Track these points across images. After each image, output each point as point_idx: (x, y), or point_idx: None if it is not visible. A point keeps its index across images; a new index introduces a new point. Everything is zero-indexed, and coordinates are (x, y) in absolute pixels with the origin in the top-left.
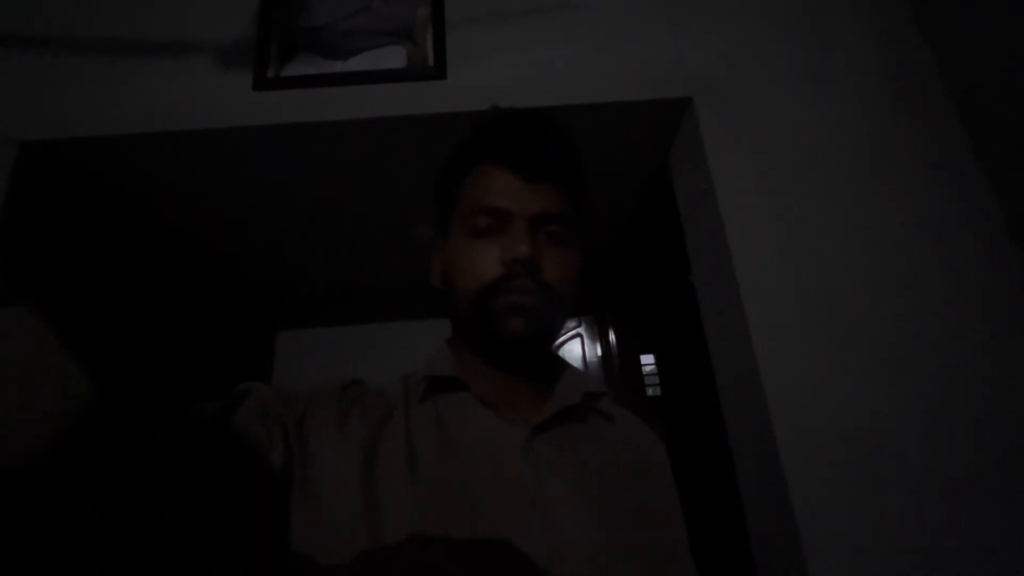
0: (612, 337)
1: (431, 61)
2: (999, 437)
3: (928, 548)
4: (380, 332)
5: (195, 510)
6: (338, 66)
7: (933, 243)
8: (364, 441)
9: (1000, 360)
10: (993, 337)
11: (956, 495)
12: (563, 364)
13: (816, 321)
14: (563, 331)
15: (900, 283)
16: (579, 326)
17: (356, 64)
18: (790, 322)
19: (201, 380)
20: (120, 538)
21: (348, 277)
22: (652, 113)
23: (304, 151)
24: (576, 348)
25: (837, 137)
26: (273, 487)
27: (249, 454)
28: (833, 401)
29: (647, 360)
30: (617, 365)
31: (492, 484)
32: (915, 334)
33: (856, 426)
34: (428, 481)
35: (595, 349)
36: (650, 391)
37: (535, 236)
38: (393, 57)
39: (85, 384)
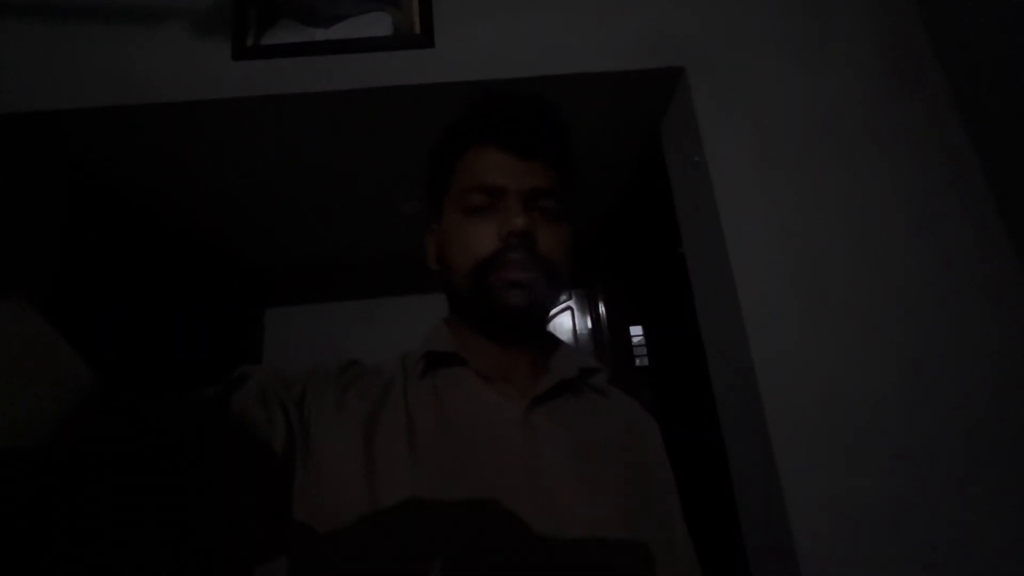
0: (602, 309)
1: (418, 29)
2: (981, 408)
3: (906, 515)
4: (370, 308)
5: (199, 492)
6: (320, 34)
7: (922, 219)
8: (363, 417)
9: (985, 335)
10: (979, 313)
11: (937, 464)
12: (557, 341)
13: (805, 294)
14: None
15: (889, 258)
16: (570, 299)
17: (339, 32)
18: (780, 295)
19: (190, 359)
20: (125, 522)
21: (337, 253)
22: (644, 83)
23: (287, 124)
24: (567, 321)
25: (831, 110)
26: (275, 466)
27: (250, 435)
28: (821, 373)
29: (636, 331)
30: (607, 337)
31: (490, 454)
32: (904, 308)
33: (843, 397)
34: (427, 452)
35: (585, 322)
36: (638, 362)
37: (529, 211)
38: (378, 24)
39: (86, 369)
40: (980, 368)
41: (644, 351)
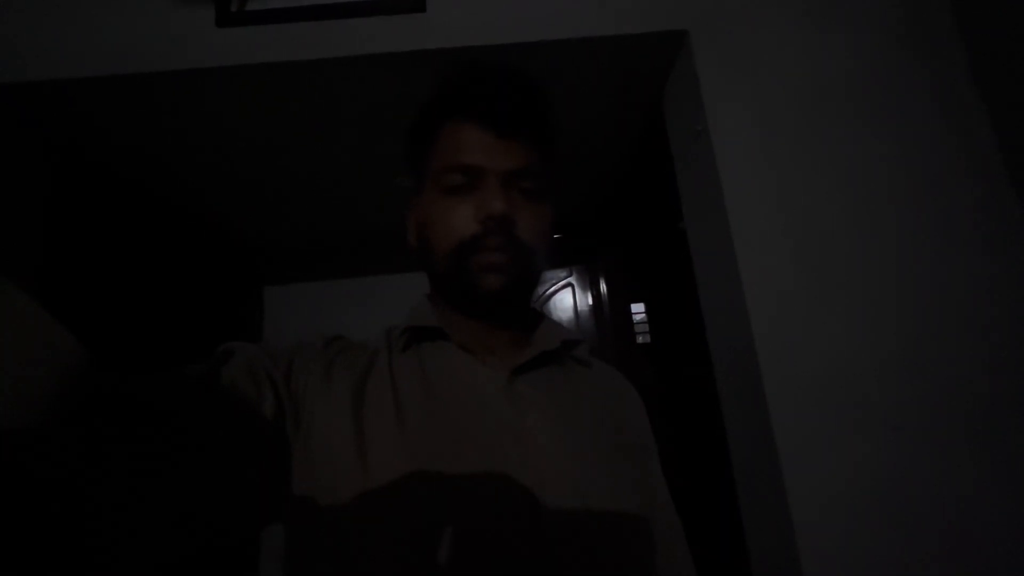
0: (603, 286)
1: None
2: (983, 382)
3: (906, 489)
4: (370, 285)
5: (190, 469)
6: None
7: (929, 188)
8: (351, 388)
9: (989, 309)
10: (984, 287)
11: (938, 438)
12: (540, 315)
13: (808, 266)
14: (541, 283)
15: (894, 229)
16: (570, 276)
17: None
18: (782, 268)
19: (189, 338)
20: (118, 500)
21: (335, 229)
22: (645, 48)
23: (275, 93)
24: (567, 298)
25: (838, 76)
26: (267, 440)
27: (240, 410)
28: (822, 348)
29: (637, 308)
30: (608, 314)
31: (475, 420)
32: (908, 283)
33: (843, 372)
34: (414, 420)
35: (586, 299)
36: (640, 339)
37: (508, 192)
38: None
39: (77, 345)
40: (984, 342)
41: (646, 328)
